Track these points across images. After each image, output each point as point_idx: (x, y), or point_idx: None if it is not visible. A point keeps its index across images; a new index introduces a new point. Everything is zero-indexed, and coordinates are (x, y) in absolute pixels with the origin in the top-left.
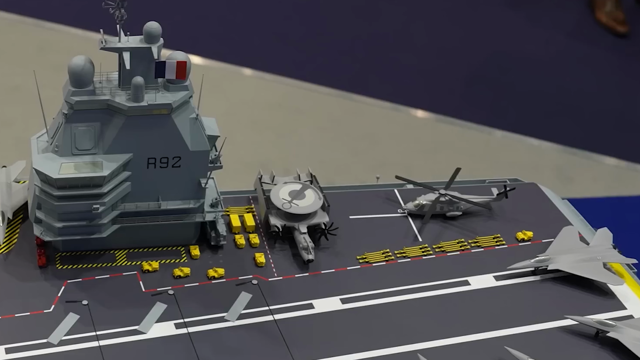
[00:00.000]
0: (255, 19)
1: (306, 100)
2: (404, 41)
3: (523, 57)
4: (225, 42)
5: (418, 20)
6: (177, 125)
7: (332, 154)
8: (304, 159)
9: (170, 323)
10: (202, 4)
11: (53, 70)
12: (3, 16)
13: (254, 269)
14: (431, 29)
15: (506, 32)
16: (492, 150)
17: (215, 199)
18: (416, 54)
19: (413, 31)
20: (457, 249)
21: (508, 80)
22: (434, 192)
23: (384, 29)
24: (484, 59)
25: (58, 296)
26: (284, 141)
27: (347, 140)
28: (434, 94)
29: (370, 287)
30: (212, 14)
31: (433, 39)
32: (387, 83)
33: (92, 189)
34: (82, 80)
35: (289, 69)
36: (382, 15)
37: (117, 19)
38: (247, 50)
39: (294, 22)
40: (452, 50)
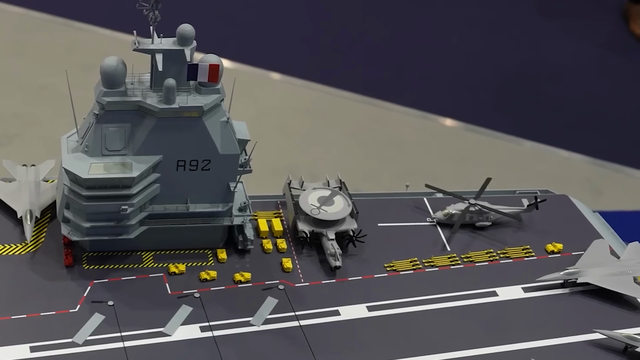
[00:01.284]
0: (285, 23)
1: (334, 106)
2: (434, 48)
3: (555, 66)
4: (254, 46)
5: (449, 27)
6: (208, 128)
7: (359, 160)
8: (331, 165)
9: (196, 326)
10: (231, 8)
11: (82, 71)
12: (33, 15)
13: (281, 274)
14: (462, 36)
15: (538, 41)
16: (520, 161)
17: (244, 203)
18: (446, 62)
19: (444, 38)
20: (486, 260)
21: (538, 90)
22: (464, 201)
23: (415, 35)
24: (515, 68)
25: (84, 296)
26: (311, 146)
27: (375, 147)
28: (463, 102)
29: (397, 296)
30: (241, 17)
31: (464, 46)
32: (416, 90)
33: (121, 189)
34: (114, 80)
35: (318, 74)
36: (413, 21)
37: (151, 21)
38: (276, 54)
39: (324, 28)
40: (483, 58)
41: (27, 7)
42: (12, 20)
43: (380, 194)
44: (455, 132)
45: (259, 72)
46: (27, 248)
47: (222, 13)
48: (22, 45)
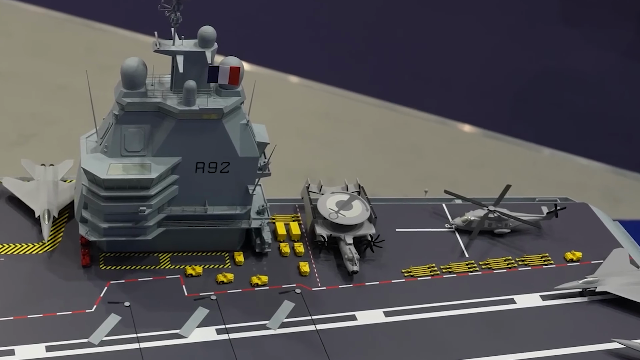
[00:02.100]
0: (304, 27)
1: (353, 110)
2: (454, 54)
3: (575, 75)
4: (273, 49)
5: (469, 33)
6: (228, 131)
7: (377, 165)
8: (349, 169)
9: (212, 328)
10: (250, 10)
11: (100, 71)
12: (52, 15)
13: (298, 277)
14: (482, 42)
15: (559, 48)
16: (539, 168)
17: (262, 206)
18: (466, 68)
19: (464, 44)
20: (504, 267)
21: (558, 98)
22: (483, 208)
23: (435, 41)
24: (535, 75)
25: (100, 296)
26: (329, 150)
27: (392, 152)
28: (482, 108)
29: (414, 301)
30: (261, 20)
31: (484, 52)
32: (435, 96)
33: (140, 190)
34: (134, 81)
35: (337, 78)
36: (433, 27)
37: (172, 22)
38: (295, 58)
39: (344, 32)
40: (503, 65)
41: (47, 7)
42: (31, 19)
43: (398, 199)
44: (474, 138)
45: (277, 75)
46: (45, 247)
47: (241, 15)
48: (41, 45)
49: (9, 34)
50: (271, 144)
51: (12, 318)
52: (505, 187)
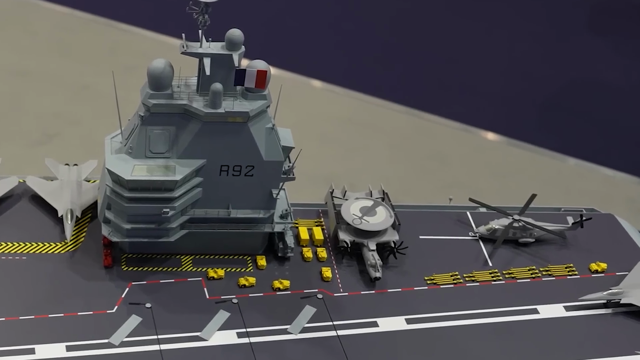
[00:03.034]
0: (329, 32)
1: (376, 116)
2: (480, 62)
3: (602, 85)
4: (297, 53)
5: (496, 41)
6: (253, 134)
7: (400, 171)
8: (371, 175)
9: (233, 332)
10: (276, 15)
11: (124, 72)
12: (77, 15)
13: (320, 283)
14: (509, 50)
15: (587, 58)
16: (564, 178)
17: (286, 211)
18: (492, 76)
19: (490, 52)
20: (528, 277)
21: (585, 107)
22: (508, 217)
23: (461, 48)
24: (562, 84)
25: (122, 297)
26: (352, 156)
27: (416, 158)
28: (507, 117)
29: (436, 309)
30: (286, 24)
31: (510, 61)
32: (460, 103)
33: (164, 192)
34: (160, 83)
35: (361, 83)
36: (459, 35)
37: (200, 24)
38: (319, 62)
39: (369, 38)
40: (530, 73)
41: (72, 7)
42: (56, 19)
43: (422, 206)
44: (498, 146)
45: (300, 79)
46: (67, 247)
47: (266, 19)
48: (65, 45)
49: (34, 33)
50: (299, 148)
51: (33, 317)
52: (530, 197)
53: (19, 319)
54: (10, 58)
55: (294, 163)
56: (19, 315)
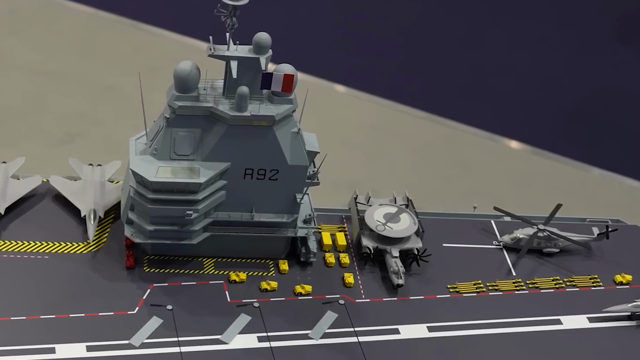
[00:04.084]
0: (353, 37)
1: (400, 122)
2: (505, 70)
3: (628, 94)
4: (320, 57)
5: (522, 49)
6: (278, 138)
7: (423, 178)
8: (393, 182)
9: (253, 336)
10: (301, 20)
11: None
12: (102, 15)
13: (342, 288)
14: (535, 59)
15: (613, 68)
16: (588, 189)
17: (309, 215)
18: (517, 84)
19: (516, 60)
20: (552, 287)
21: (610, 117)
22: (533, 226)
23: (486, 56)
24: (588, 94)
25: (143, 299)
26: (374, 162)
27: (438, 165)
28: (531, 125)
29: (458, 318)
30: (311, 29)
31: (536, 69)
32: (484, 111)
33: (187, 194)
34: (187, 85)
35: (385, 89)
36: (485, 42)
37: (228, 27)
38: (343, 67)
39: (394, 44)
40: (555, 82)
41: (96, 7)
42: (81, 19)
43: (447, 213)
44: (522, 155)
45: (324, 84)
46: (89, 247)
47: (289, 23)
48: (89, 45)
49: (58, 33)
50: (324, 153)
51: (54, 316)
52: (555, 206)
53: (40, 318)
54: (34, 58)
55: (319, 168)
56: (40, 315)
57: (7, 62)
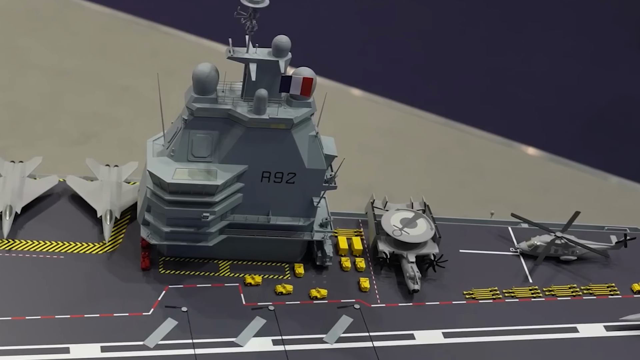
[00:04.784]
0: (371, 41)
1: (416, 127)
2: (523, 75)
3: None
4: (337, 61)
5: (540, 55)
6: (296, 142)
7: (438, 184)
8: (409, 187)
9: (268, 339)
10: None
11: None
12: (119, 16)
13: (358, 293)
14: (553, 65)
15: (632, 75)
16: (605, 196)
17: (326, 219)
18: (534, 90)
19: (534, 66)
20: (568, 294)
21: (628, 125)
22: (550, 233)
23: (504, 62)
24: (606, 101)
25: (158, 300)
26: (390, 167)
27: (454, 171)
28: (548, 132)
29: (474, 324)
30: (328, 32)
31: (554, 75)
32: (501, 117)
33: (204, 196)
34: (205, 87)
35: (401, 93)
36: (503, 48)
37: (247, 30)
38: (359, 71)
39: (411, 48)
40: (573, 88)
41: (114, 8)
42: (98, 19)
43: (464, 219)
44: (539, 161)
45: (340, 87)
46: (105, 248)
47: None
48: (106, 45)
49: (74, 33)
50: (342, 157)
51: (69, 316)
52: (574, 214)
53: (54, 317)
54: (51, 57)
55: (337, 172)
56: (55, 314)
57: (24, 61)
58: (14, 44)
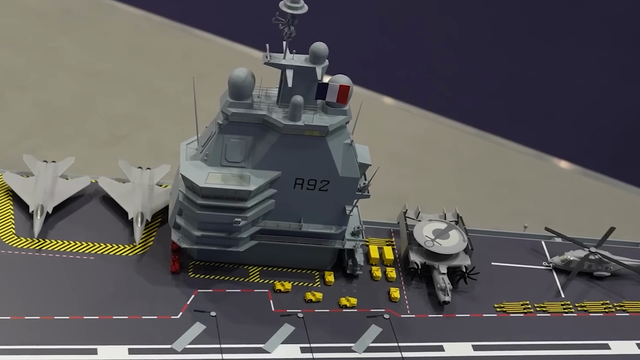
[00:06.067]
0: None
1: (449, 138)
2: (557, 89)
3: None
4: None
5: (575, 68)
6: (331, 149)
7: (469, 195)
8: (440, 197)
9: (296, 346)
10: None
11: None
12: (152, 18)
13: (388, 303)
14: (587, 78)
15: None
16: (639, 212)
17: (357, 228)
18: (568, 103)
19: (568, 79)
20: (601, 311)
21: None
22: (584, 249)
23: (539, 73)
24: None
25: (187, 304)
26: (421, 177)
27: (486, 183)
28: (582, 146)
29: (504, 338)
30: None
31: (588, 89)
32: (534, 129)
33: (236, 202)
34: (241, 92)
35: (434, 104)
36: (538, 61)
37: (285, 36)
38: (391, 79)
39: (446, 58)
40: (607, 103)
41: (147, 10)
42: (130, 21)
43: (496, 232)
44: (572, 175)
45: (372, 96)
46: (135, 250)
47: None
48: (138, 47)
49: (106, 34)
50: (376, 166)
51: (97, 317)
52: (608, 230)
53: (83, 318)
54: (83, 58)
55: (370, 181)
56: (84, 315)
57: (57, 61)
58: (48, 44)
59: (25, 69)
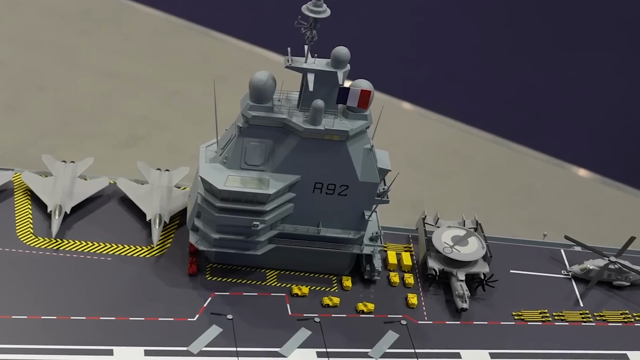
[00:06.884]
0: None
1: (467, 144)
2: (576, 97)
3: None
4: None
5: (594, 77)
6: (350, 154)
7: (486, 202)
8: (458, 204)
9: (312, 350)
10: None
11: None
12: (172, 20)
13: (405, 309)
14: (606, 87)
15: None
16: None
17: (376, 233)
18: (587, 111)
19: (588, 87)
20: (620, 321)
21: None
22: (604, 258)
23: (559, 80)
24: None
25: (204, 306)
26: (439, 183)
27: (505, 190)
28: (601, 154)
29: (522, 346)
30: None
31: (607, 97)
32: (553, 137)
33: (255, 205)
34: (262, 95)
35: (453, 110)
36: (558, 66)
37: (307, 40)
38: (410, 84)
39: (467, 63)
40: (626, 111)
41: (167, 12)
42: (150, 22)
43: (515, 240)
44: (590, 184)
45: (391, 101)
46: (153, 252)
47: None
48: (157, 49)
49: (126, 35)
50: (396, 172)
51: (114, 318)
52: (629, 239)
53: (99, 319)
54: (103, 59)
55: (390, 186)
56: (100, 316)
57: (76, 62)
58: (67, 45)
59: (45, 69)
